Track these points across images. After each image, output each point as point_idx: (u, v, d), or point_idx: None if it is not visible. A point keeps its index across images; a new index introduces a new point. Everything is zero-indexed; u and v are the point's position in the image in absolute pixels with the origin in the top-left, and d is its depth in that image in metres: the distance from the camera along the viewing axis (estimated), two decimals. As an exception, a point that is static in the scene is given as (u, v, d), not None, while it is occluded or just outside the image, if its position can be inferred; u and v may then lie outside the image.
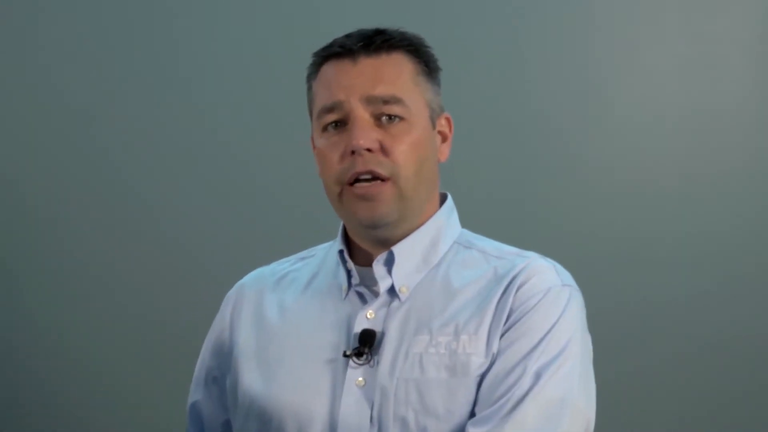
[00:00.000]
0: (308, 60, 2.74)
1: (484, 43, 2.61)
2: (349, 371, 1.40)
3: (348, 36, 1.45)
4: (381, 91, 1.41)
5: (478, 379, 1.38)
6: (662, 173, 2.62)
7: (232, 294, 1.58)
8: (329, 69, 1.45)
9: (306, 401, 1.41)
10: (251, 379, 1.46)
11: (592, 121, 2.63)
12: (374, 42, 1.43)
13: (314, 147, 1.49)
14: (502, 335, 1.38)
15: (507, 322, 1.39)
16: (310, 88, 1.49)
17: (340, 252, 1.47)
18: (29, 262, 2.76)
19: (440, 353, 1.39)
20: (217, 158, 2.71)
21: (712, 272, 2.60)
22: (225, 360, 1.53)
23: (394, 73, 1.43)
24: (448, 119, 1.51)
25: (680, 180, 2.61)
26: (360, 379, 1.40)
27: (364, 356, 1.40)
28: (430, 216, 1.48)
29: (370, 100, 1.40)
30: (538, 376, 1.35)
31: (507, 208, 2.61)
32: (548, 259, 1.47)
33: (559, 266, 1.46)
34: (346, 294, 1.46)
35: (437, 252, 1.47)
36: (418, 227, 1.46)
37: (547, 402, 1.34)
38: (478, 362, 1.38)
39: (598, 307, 2.54)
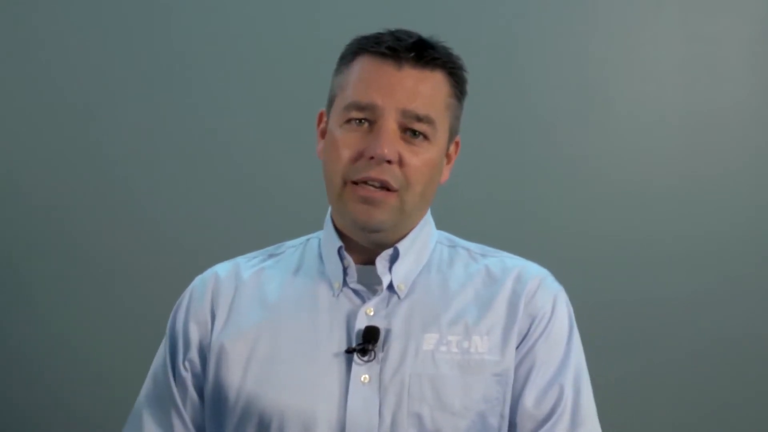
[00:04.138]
0: (306, 60, 2.73)
1: (483, 42, 2.60)
2: (354, 368, 1.39)
3: (398, 38, 1.43)
4: (418, 107, 1.41)
5: (494, 378, 1.41)
6: (662, 173, 2.62)
7: (206, 282, 1.52)
8: (370, 65, 1.43)
9: (310, 400, 1.39)
10: (242, 378, 1.43)
11: (592, 121, 2.63)
12: (424, 56, 1.42)
13: (321, 126, 1.50)
14: (525, 344, 1.44)
15: (529, 331, 1.44)
16: (340, 72, 1.47)
17: (339, 249, 1.46)
18: (31, 259, 2.76)
19: (452, 351, 1.41)
20: (218, 157, 2.71)
21: (712, 272, 2.60)
22: (206, 353, 1.48)
23: (433, 92, 1.43)
24: (457, 143, 1.51)
25: (680, 180, 2.61)
26: (365, 376, 1.39)
27: (369, 353, 1.39)
28: (419, 219, 1.50)
29: (405, 114, 1.40)
30: (578, 389, 1.43)
31: (507, 208, 2.61)
32: (534, 263, 1.53)
33: (545, 269, 1.53)
34: (340, 290, 1.46)
35: (427, 251, 1.50)
36: (407, 232, 1.48)
37: (591, 412, 1.44)
38: (492, 361, 1.42)
39: (598, 306, 2.55)
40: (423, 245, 1.49)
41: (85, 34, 2.73)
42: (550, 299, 1.47)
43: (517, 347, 1.44)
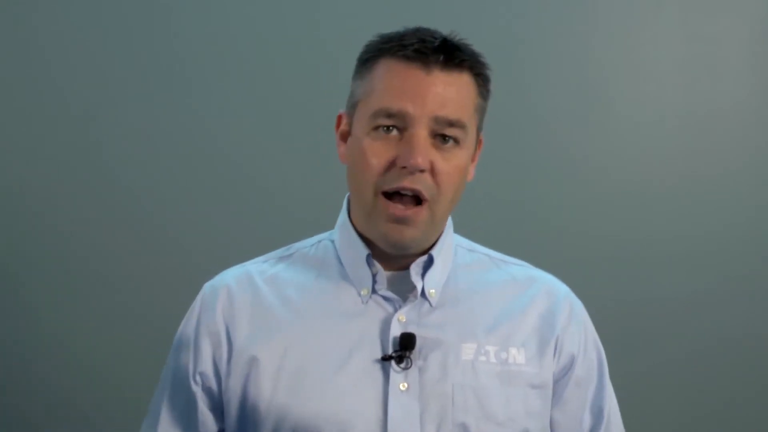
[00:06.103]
0: (306, 60, 2.72)
1: (483, 43, 2.59)
2: (393, 375, 1.36)
3: (423, 40, 1.38)
4: (450, 112, 1.36)
5: (534, 390, 1.41)
6: (662, 173, 2.62)
7: (216, 294, 1.46)
8: (396, 69, 1.37)
9: (347, 410, 1.35)
10: (273, 390, 1.38)
11: (592, 121, 2.63)
12: (452, 59, 1.38)
13: (340, 128, 1.45)
14: (573, 370, 1.46)
15: (576, 356, 1.46)
16: (362, 75, 1.41)
17: (368, 256, 1.42)
18: (30, 261, 2.76)
19: (491, 362, 1.40)
20: (218, 157, 2.71)
21: (712, 272, 2.60)
22: (222, 367, 1.43)
23: (463, 95, 1.39)
24: (480, 141, 1.48)
25: (680, 180, 2.61)
26: (404, 384, 1.37)
27: (406, 360, 1.37)
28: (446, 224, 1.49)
29: (437, 120, 1.35)
30: (616, 413, 1.51)
31: (507, 208, 2.61)
32: (550, 274, 1.54)
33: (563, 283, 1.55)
34: (368, 297, 1.42)
35: (451, 255, 1.48)
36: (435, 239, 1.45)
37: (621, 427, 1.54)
38: (531, 373, 1.41)
39: (598, 307, 2.54)
40: (448, 249, 1.47)
41: (85, 34, 2.73)
42: (582, 319, 1.49)
43: (566, 372, 1.46)
